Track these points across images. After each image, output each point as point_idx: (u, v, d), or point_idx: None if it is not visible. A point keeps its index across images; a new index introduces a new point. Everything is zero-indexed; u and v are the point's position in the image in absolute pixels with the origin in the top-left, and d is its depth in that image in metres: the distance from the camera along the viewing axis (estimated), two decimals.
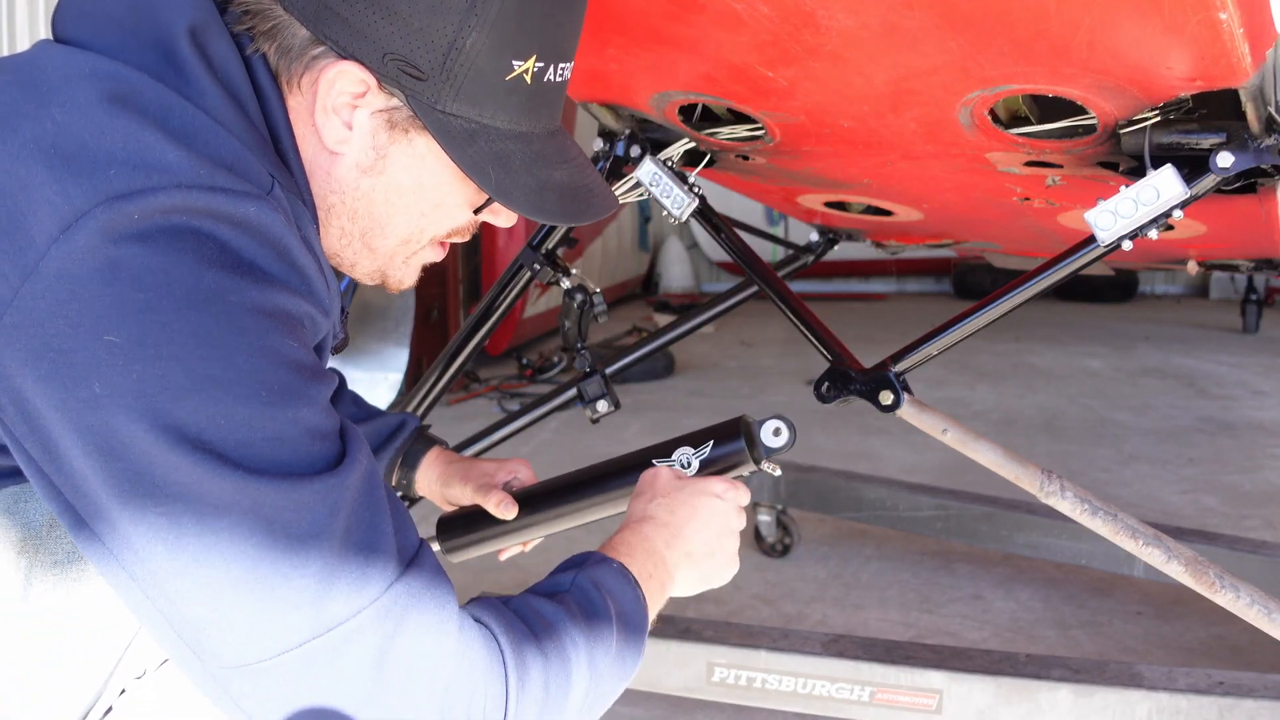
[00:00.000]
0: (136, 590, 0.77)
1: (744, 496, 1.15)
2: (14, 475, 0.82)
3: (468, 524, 1.33)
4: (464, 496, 1.34)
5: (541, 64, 0.93)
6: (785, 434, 1.21)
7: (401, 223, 0.98)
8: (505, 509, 1.27)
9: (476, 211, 1.00)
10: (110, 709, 0.88)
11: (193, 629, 0.77)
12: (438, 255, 1.04)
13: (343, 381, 1.37)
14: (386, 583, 0.79)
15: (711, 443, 1.20)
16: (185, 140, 0.79)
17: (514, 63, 0.91)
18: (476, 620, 0.85)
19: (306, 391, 0.80)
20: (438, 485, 1.38)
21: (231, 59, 0.87)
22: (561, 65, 0.96)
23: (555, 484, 1.30)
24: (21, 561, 0.83)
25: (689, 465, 1.20)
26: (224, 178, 0.79)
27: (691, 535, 1.09)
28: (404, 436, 1.38)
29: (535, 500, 1.28)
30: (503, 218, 1.01)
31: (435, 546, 1.36)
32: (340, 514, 0.78)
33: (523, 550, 1.36)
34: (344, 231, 0.97)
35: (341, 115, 0.91)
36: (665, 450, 1.22)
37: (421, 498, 1.44)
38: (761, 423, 1.21)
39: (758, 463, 1.21)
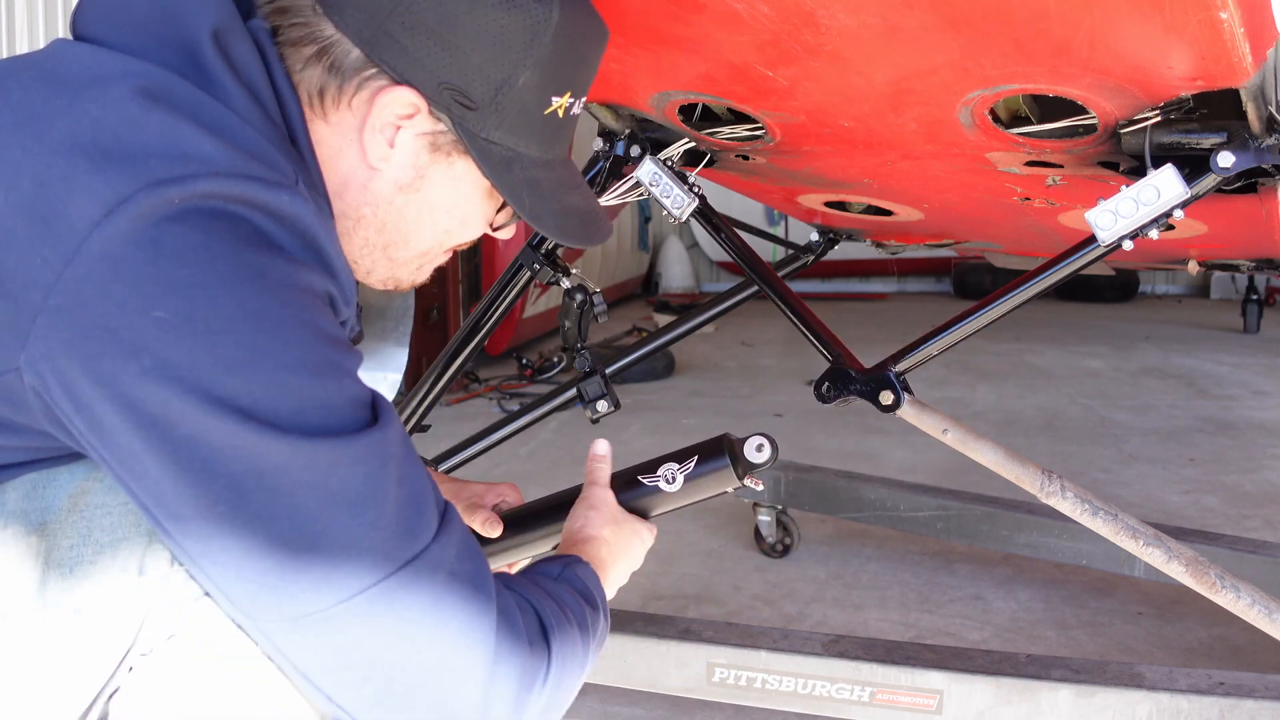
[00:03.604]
0: (185, 560, 0.81)
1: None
2: (33, 463, 0.85)
3: None
4: None
5: (573, 99, 1.00)
6: (767, 450, 1.23)
7: (427, 236, 1.03)
8: (490, 527, 1.31)
9: (495, 229, 1.07)
10: (118, 689, 0.89)
11: (252, 586, 0.79)
12: (445, 259, 1.10)
13: None
14: (433, 531, 0.84)
15: (696, 458, 1.23)
16: (217, 133, 0.82)
17: (553, 98, 0.98)
18: (507, 587, 0.91)
19: (344, 363, 0.84)
20: None
21: (252, 61, 0.90)
22: (583, 99, 1.04)
23: (540, 504, 1.32)
24: (42, 546, 0.85)
25: (674, 481, 1.22)
26: (258, 168, 0.82)
27: (615, 564, 1.18)
28: None
29: (521, 520, 1.31)
30: (504, 231, 1.07)
31: None
32: (390, 466, 0.82)
33: (508, 571, 1.38)
34: (368, 242, 1.01)
35: (386, 134, 0.95)
36: (650, 468, 1.24)
37: None
38: (744, 440, 1.24)
39: (741, 478, 1.23)
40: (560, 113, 0.99)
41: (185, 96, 0.83)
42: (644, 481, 1.23)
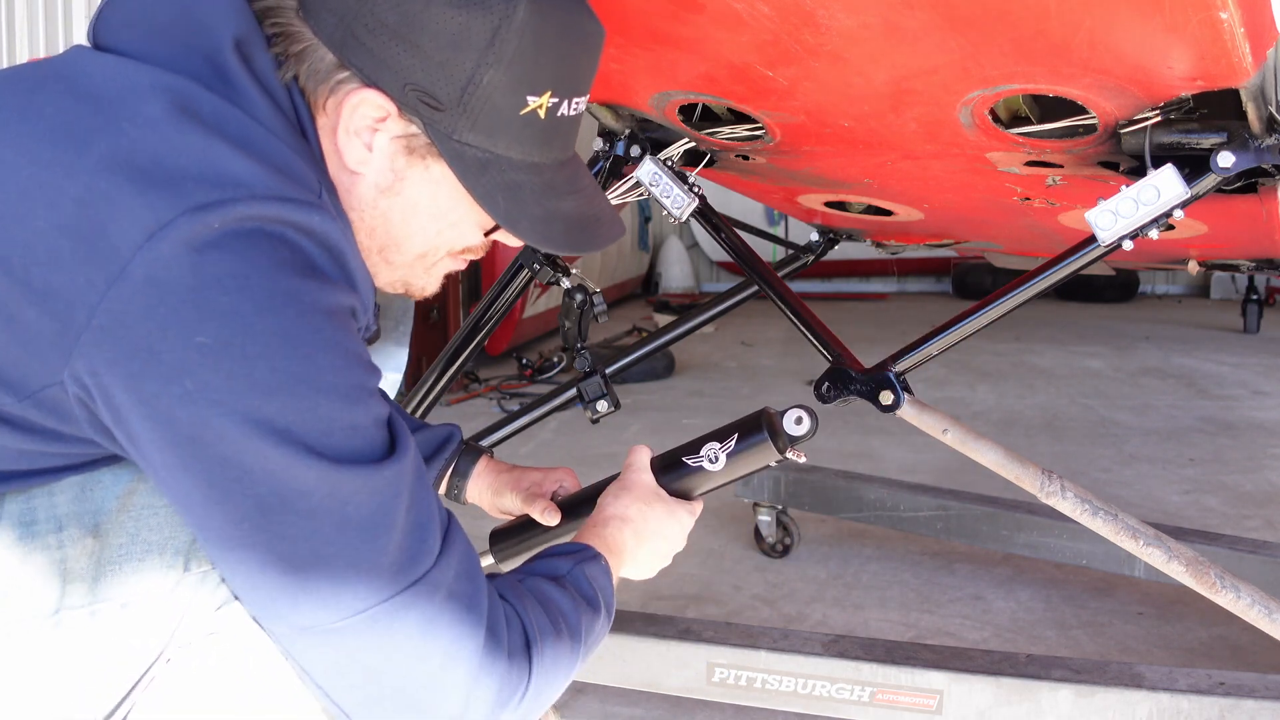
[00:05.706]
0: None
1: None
2: (73, 467, 0.88)
3: (517, 534, 1.39)
4: (515, 506, 1.41)
5: (556, 99, 0.98)
6: (807, 422, 1.26)
7: (417, 240, 1.03)
8: (549, 516, 1.35)
9: (488, 233, 1.05)
10: (154, 679, 0.92)
11: (266, 596, 0.84)
12: (459, 265, 1.10)
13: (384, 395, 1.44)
14: (434, 555, 0.88)
15: (736, 436, 1.25)
16: (246, 149, 0.84)
17: (529, 98, 0.96)
18: (501, 598, 0.94)
19: (368, 383, 0.87)
20: (489, 495, 1.45)
21: (272, 69, 0.92)
22: (576, 100, 1.01)
23: (596, 489, 1.34)
24: (95, 546, 0.88)
25: (716, 460, 1.25)
26: (289, 186, 0.85)
27: (641, 545, 1.21)
28: (452, 448, 1.46)
29: (578, 506, 1.34)
30: (506, 236, 1.05)
31: (488, 560, 1.42)
32: (403, 495, 0.86)
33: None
34: (362, 246, 1.01)
35: (363, 138, 0.96)
36: (694, 448, 1.27)
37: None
38: (783, 413, 1.26)
39: (782, 452, 1.26)
40: (541, 113, 0.97)
41: (211, 110, 0.85)
42: (688, 463, 1.26)
